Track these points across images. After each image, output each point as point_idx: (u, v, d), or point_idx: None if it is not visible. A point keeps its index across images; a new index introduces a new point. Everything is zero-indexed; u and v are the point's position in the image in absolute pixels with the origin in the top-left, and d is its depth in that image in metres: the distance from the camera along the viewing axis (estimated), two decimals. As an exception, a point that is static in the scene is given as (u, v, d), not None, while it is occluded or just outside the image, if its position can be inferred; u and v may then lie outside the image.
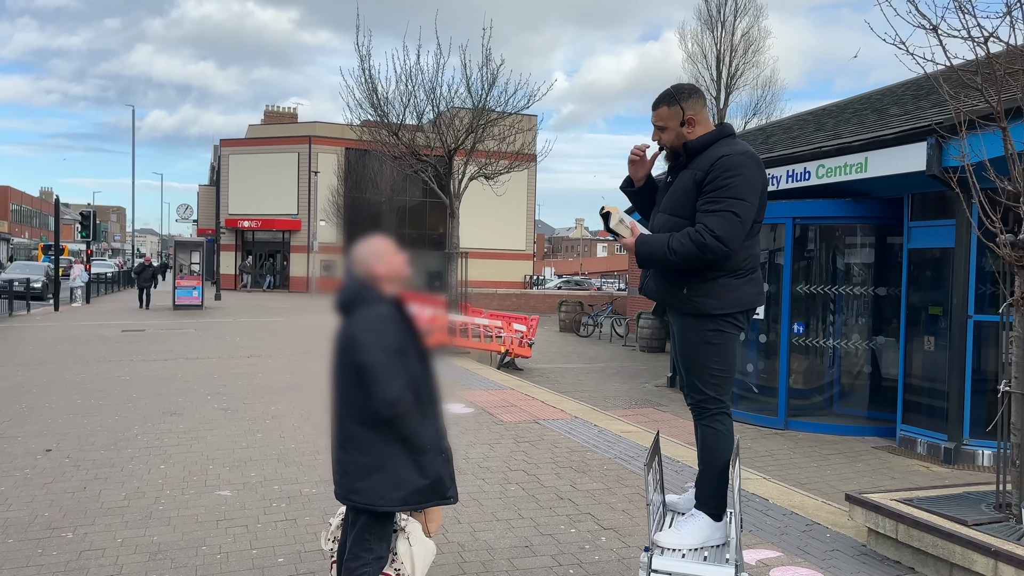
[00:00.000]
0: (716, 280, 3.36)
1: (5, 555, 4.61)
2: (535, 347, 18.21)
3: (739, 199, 3.26)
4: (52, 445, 7.26)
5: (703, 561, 3.27)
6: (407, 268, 3.53)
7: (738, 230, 3.26)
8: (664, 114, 3.47)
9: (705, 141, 3.42)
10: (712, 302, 3.37)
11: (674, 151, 3.51)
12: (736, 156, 3.31)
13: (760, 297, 3.54)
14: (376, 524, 3.32)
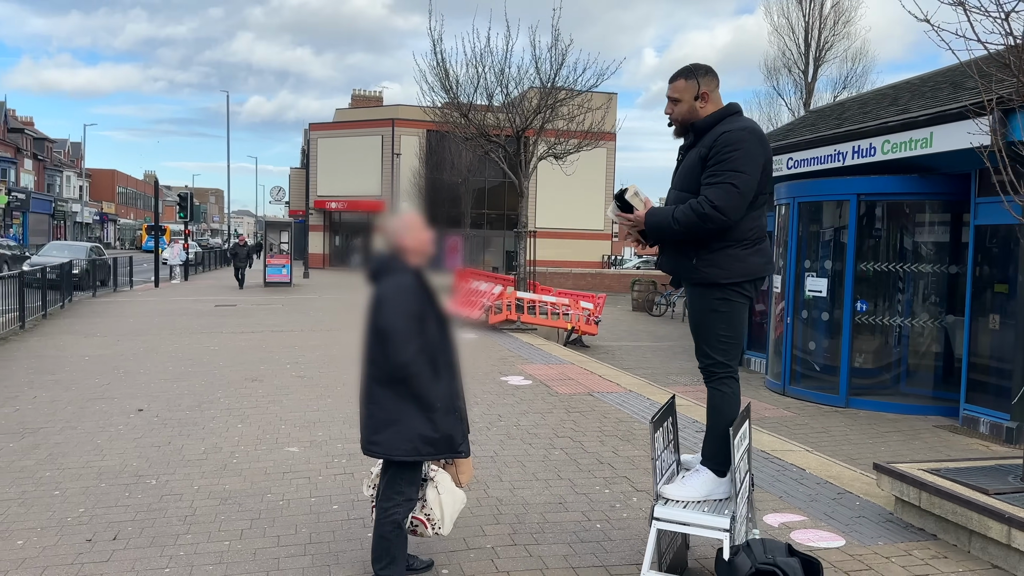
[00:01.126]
0: (723, 251, 3.57)
1: (98, 496, 5.22)
2: (603, 325, 18.40)
3: (739, 171, 3.45)
4: (144, 405, 7.97)
5: (703, 512, 3.51)
6: (432, 243, 3.86)
7: (737, 201, 3.46)
8: (681, 86, 3.68)
9: (712, 120, 3.62)
10: (719, 271, 3.58)
11: (683, 125, 3.71)
12: (737, 131, 3.51)
13: (768, 267, 3.72)
14: (404, 471, 3.69)
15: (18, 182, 57.81)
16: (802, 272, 10.29)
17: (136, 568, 4.09)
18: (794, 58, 36.03)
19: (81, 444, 6.49)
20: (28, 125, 66.28)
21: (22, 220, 58.03)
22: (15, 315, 14.17)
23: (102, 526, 4.68)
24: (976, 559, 4.29)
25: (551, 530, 4.66)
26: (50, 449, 6.35)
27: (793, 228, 10.43)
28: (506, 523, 4.76)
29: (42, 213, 62.20)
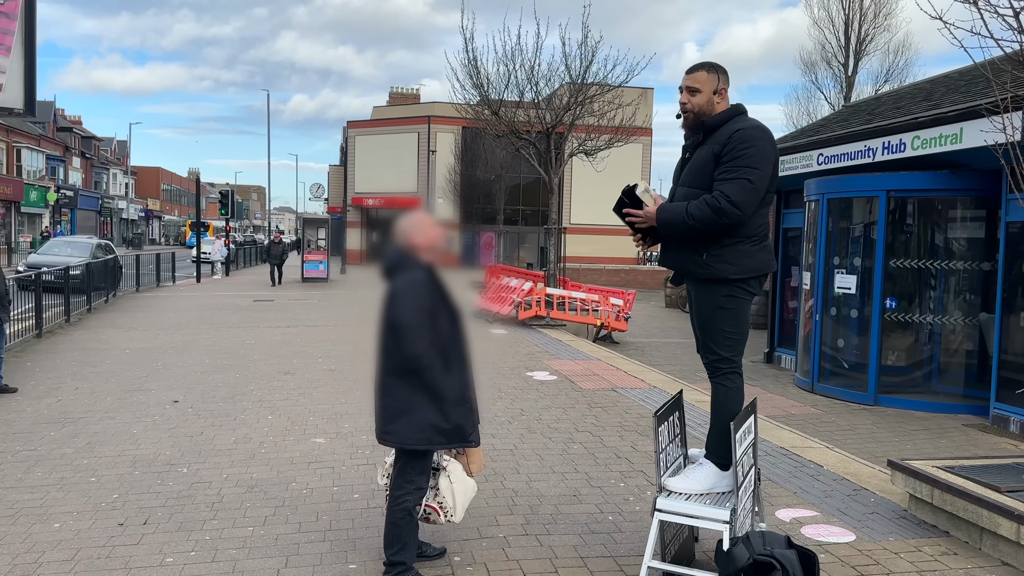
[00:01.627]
0: (733, 246, 3.63)
1: (131, 483, 5.45)
2: (635, 322, 18.40)
3: (753, 168, 3.52)
4: (179, 397, 8.24)
5: (705, 504, 3.58)
6: (442, 240, 3.98)
7: (752, 196, 3.52)
8: (702, 78, 3.73)
9: (721, 118, 3.68)
10: (729, 267, 3.64)
11: (697, 118, 3.75)
12: (751, 130, 3.58)
13: (772, 263, 3.78)
14: (414, 460, 3.82)
15: (67, 180, 59.38)
16: (831, 269, 10.23)
17: (164, 551, 4.29)
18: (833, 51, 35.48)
19: (118, 433, 6.76)
20: (76, 124, 68.03)
21: (70, 217, 59.64)
22: (60, 309, 14.66)
23: (134, 511, 4.89)
24: (987, 556, 4.30)
25: (563, 521, 4.76)
26: (88, 438, 6.61)
27: (823, 224, 10.37)
28: (519, 514, 4.88)
29: (89, 210, 63.84)
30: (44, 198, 52.86)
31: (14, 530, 4.56)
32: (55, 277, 15.10)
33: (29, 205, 51.12)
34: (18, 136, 50.75)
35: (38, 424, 7.08)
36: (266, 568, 4.09)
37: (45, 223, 53.65)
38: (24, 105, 8.01)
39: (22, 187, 49.64)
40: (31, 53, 8.06)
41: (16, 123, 51.42)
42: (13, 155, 50.12)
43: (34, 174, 52.67)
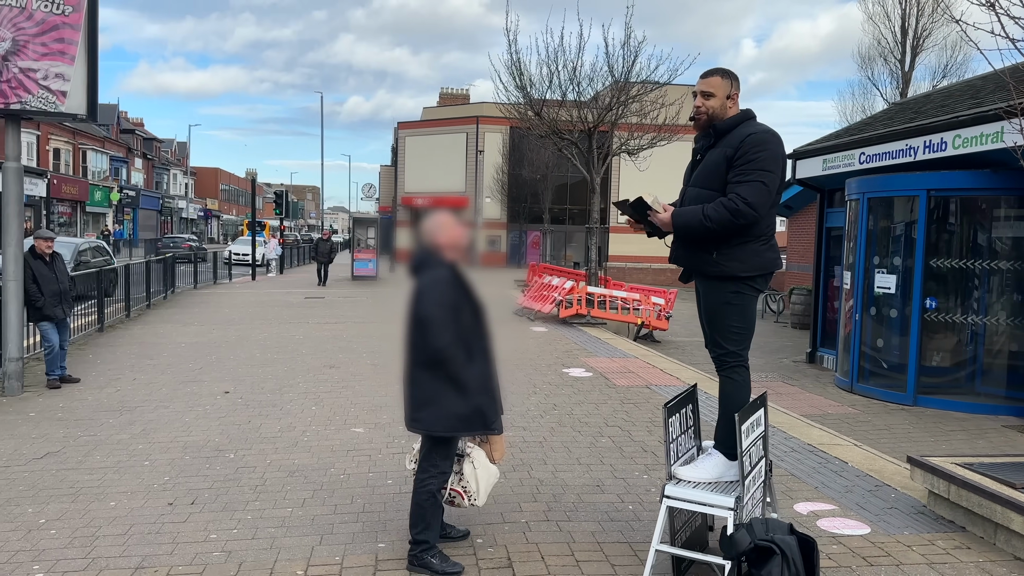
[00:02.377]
0: (743, 245, 3.79)
1: (182, 467, 5.81)
2: (679, 321, 18.42)
3: (766, 170, 3.67)
4: (230, 388, 8.64)
5: (711, 492, 3.74)
6: (465, 239, 4.21)
7: (766, 198, 3.68)
8: (717, 83, 3.90)
9: (733, 122, 3.84)
10: (738, 265, 3.80)
11: (710, 120, 3.91)
12: (762, 133, 3.73)
13: (778, 262, 3.93)
14: (439, 446, 4.06)
15: (129, 180, 61.42)
16: (871, 268, 10.18)
17: (208, 528, 4.61)
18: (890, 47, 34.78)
19: (171, 421, 7.16)
20: (138, 126, 70.26)
21: (132, 216, 61.66)
22: (121, 304, 15.33)
23: (183, 492, 5.24)
24: (1000, 551, 4.36)
25: (585, 509, 4.96)
26: (144, 425, 7.03)
27: (863, 224, 10.32)
28: (543, 501, 5.08)
29: (150, 209, 65.92)
30: (108, 198, 54.77)
31: (74, 507, 4.94)
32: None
33: (93, 205, 53.05)
34: (83, 138, 52.71)
35: (98, 412, 7.52)
36: (302, 545, 4.38)
37: (108, 222, 55.58)
38: (87, 111, 8.48)
39: (87, 187, 51.55)
40: (93, 62, 8.53)
41: (82, 126, 53.40)
42: (79, 157, 52.08)
43: (98, 175, 54.62)
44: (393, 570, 4.07)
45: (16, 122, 8.55)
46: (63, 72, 8.32)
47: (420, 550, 4.01)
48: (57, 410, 7.60)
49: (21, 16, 8.15)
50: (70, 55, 8.35)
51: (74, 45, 8.36)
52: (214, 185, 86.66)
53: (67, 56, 8.34)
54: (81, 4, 8.36)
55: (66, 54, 8.33)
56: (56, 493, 5.19)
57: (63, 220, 50.33)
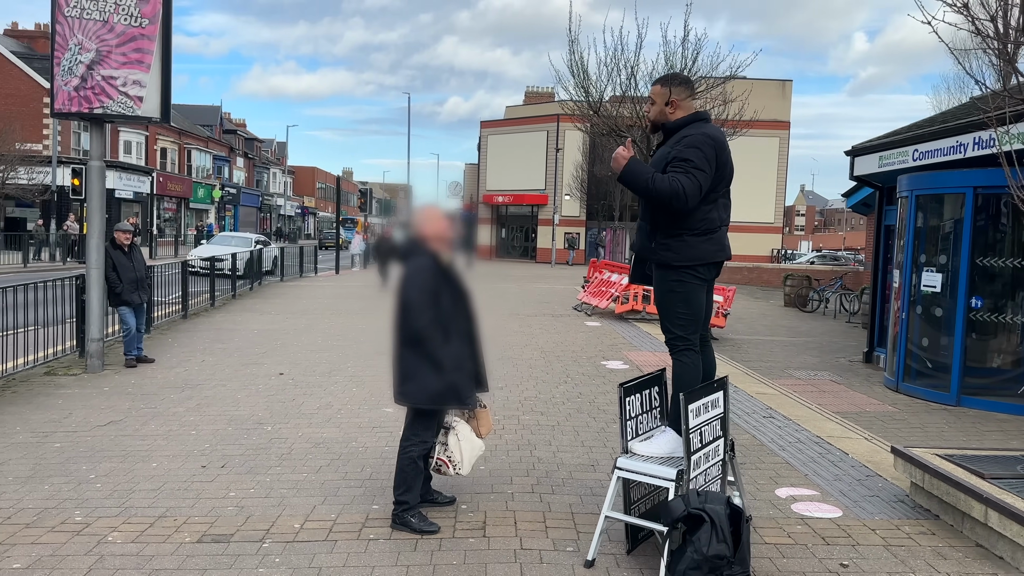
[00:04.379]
0: (677, 237, 4.07)
1: (223, 437, 6.43)
2: (743, 318, 18.32)
3: (700, 169, 3.94)
4: (285, 370, 9.31)
5: (656, 464, 4.03)
6: (450, 231, 4.61)
7: (697, 192, 3.94)
8: (656, 91, 4.23)
9: (678, 124, 4.13)
10: (672, 255, 4.08)
11: (654, 124, 4.24)
12: (699, 136, 4.00)
13: (719, 254, 4.16)
14: (420, 418, 4.50)
15: (231, 178, 64.51)
16: (919, 266, 10.03)
17: (229, 488, 5.17)
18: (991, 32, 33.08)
19: (224, 398, 7.84)
20: (241, 126, 73.65)
21: (233, 212, 64.74)
22: (207, 295, 16.44)
23: (217, 457, 5.84)
24: (964, 538, 4.46)
25: (571, 484, 5.29)
26: (199, 400, 7.73)
27: (911, 221, 10.17)
28: (534, 476, 5.45)
29: (250, 206, 69.02)
30: (210, 195, 57.72)
31: (122, 467, 5.60)
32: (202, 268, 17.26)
33: (197, 201, 56.03)
34: (188, 138, 55.74)
35: (163, 388, 8.29)
36: (306, 504, 4.88)
37: (211, 218, 58.57)
38: (160, 114, 9.32)
39: (191, 185, 54.50)
40: (167, 68, 9.35)
41: (187, 126, 56.54)
42: (184, 156, 55.10)
43: (202, 172, 57.64)
44: (379, 527, 4.52)
45: (99, 125, 9.45)
46: (140, 79, 9.16)
47: (401, 509, 4.45)
48: (128, 386, 8.41)
49: (104, 29, 9.02)
50: (146, 63, 9.17)
51: (150, 54, 9.19)
52: (311, 183, 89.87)
53: (144, 64, 9.17)
54: (157, 16, 9.18)
55: (143, 62, 9.17)
56: (109, 455, 5.88)
57: (168, 216, 53.43)
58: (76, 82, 9.04)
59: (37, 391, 8.06)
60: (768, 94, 41.98)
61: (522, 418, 7.13)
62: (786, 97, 43.44)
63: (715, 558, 3.62)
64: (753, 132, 40.44)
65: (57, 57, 9.05)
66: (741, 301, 23.29)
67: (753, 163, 41.85)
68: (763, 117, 41.59)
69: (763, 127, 41.79)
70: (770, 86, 42.89)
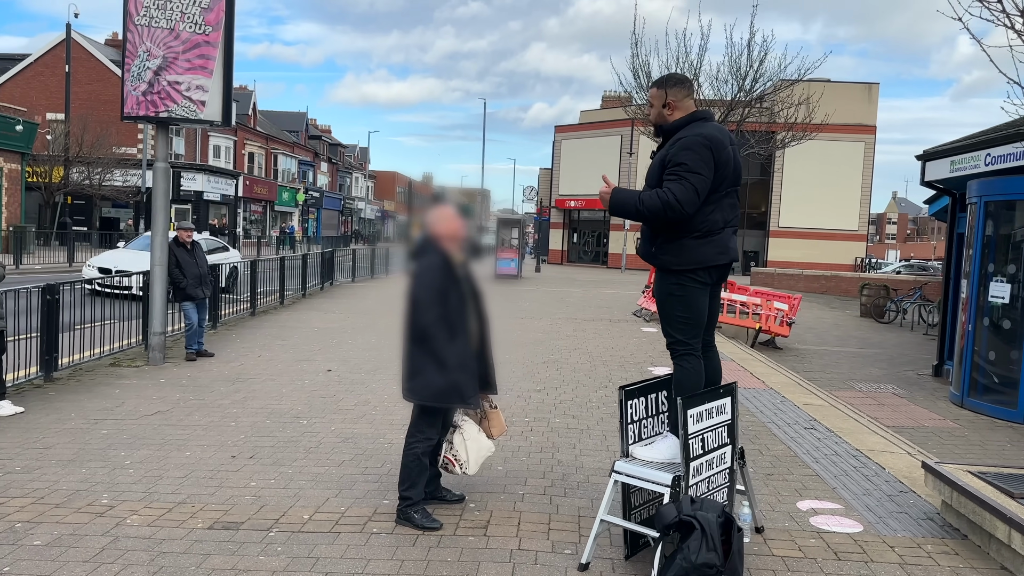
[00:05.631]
0: (676, 241, 3.99)
1: (259, 429, 6.63)
2: (815, 328, 17.78)
3: (694, 172, 3.86)
4: (334, 367, 9.53)
5: (652, 469, 3.96)
6: (463, 231, 4.64)
7: (693, 197, 3.86)
8: (653, 94, 4.19)
9: (676, 126, 4.06)
10: (672, 259, 4.01)
11: (655, 126, 4.19)
12: (692, 137, 3.92)
13: (721, 256, 4.04)
14: (424, 415, 4.54)
15: (314, 182, 66.35)
16: (987, 276, 9.54)
17: (253, 477, 5.33)
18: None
19: (270, 392, 8.07)
20: (325, 132, 75.70)
21: (316, 215, 66.58)
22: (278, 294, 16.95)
23: (248, 449, 6.03)
24: (989, 560, 4.23)
25: (584, 488, 5.24)
26: (246, 393, 7.99)
27: (979, 229, 9.68)
28: (550, 479, 5.42)
29: (333, 210, 70.87)
30: (294, 198, 59.50)
31: (157, 454, 5.83)
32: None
33: (281, 204, 57.85)
34: (275, 144, 57.62)
35: (216, 381, 8.60)
36: (321, 496, 4.99)
37: (294, 221, 60.36)
38: (222, 117, 9.69)
39: (276, 188, 56.30)
40: (229, 73, 9.71)
41: (275, 132, 58.47)
42: (270, 160, 56.98)
43: (287, 176, 59.49)
44: (384, 522, 4.58)
45: (164, 128, 9.88)
46: (203, 84, 9.53)
47: (405, 505, 4.50)
48: (183, 378, 8.75)
49: (170, 36, 9.43)
50: (209, 68, 9.54)
51: (212, 60, 9.55)
52: (391, 188, 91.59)
53: (207, 70, 9.54)
54: (220, 24, 9.54)
55: (206, 68, 9.54)
56: (149, 443, 6.14)
57: (254, 218, 55.34)
58: (144, 87, 9.47)
59: (99, 381, 8.47)
60: (852, 97, 40.70)
61: (552, 421, 7.10)
62: (872, 101, 41.97)
63: (704, 567, 3.53)
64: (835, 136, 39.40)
65: (127, 63, 9.52)
66: (815, 311, 22.60)
67: (835, 168, 40.65)
68: (847, 121, 40.44)
69: (846, 131, 40.59)
70: (854, 89, 41.55)
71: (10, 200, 29.70)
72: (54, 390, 7.97)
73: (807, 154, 38.03)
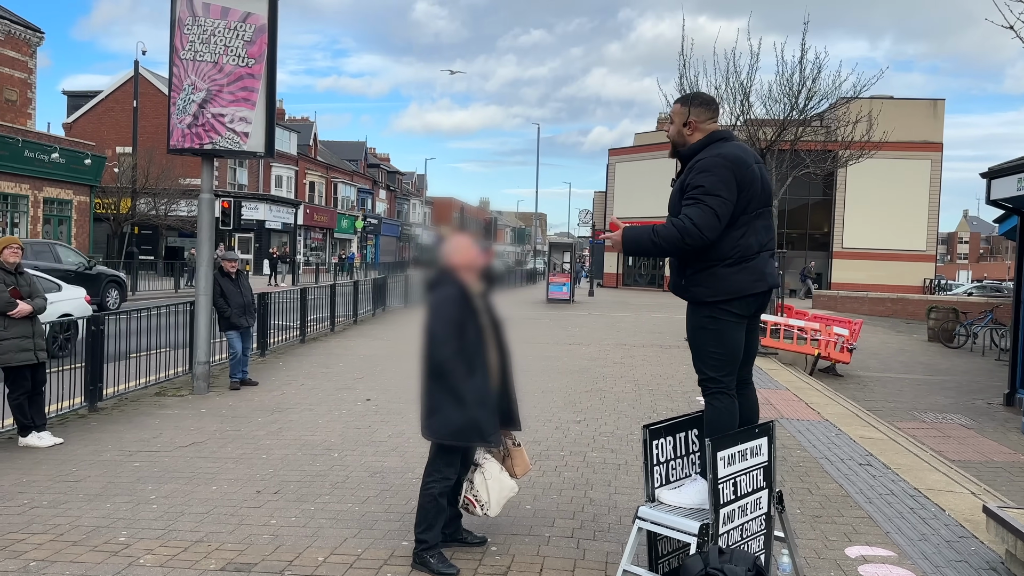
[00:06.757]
0: (706, 270, 3.73)
1: (289, 462, 6.52)
2: (880, 354, 17.08)
3: (714, 195, 3.60)
4: (373, 396, 9.42)
5: (679, 516, 3.68)
6: (479, 261, 4.46)
7: (713, 221, 3.60)
8: (676, 110, 3.96)
9: (693, 149, 3.81)
10: (704, 290, 3.74)
11: (673, 146, 3.94)
12: (710, 159, 3.67)
13: (758, 284, 3.75)
14: (442, 453, 4.35)
15: (373, 209, 67.34)
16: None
17: (273, 515, 5.21)
18: None
19: (306, 422, 7.99)
20: (384, 160, 76.91)
21: (375, 242, 67.48)
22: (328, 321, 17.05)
23: (274, 483, 5.92)
24: (1060, 620, 3.81)
25: (616, 531, 4.96)
26: (282, 424, 7.92)
27: (1051, 249, 9.11)
28: (579, 520, 5.15)
29: (391, 236, 71.75)
30: (353, 225, 60.43)
31: (184, 488, 5.76)
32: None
33: (341, 231, 58.80)
34: (335, 172, 58.74)
35: (255, 411, 8.57)
36: (338, 536, 4.83)
37: (353, 248, 61.25)
38: (264, 148, 9.77)
39: (335, 216, 57.28)
40: (271, 105, 9.80)
41: (335, 161, 59.64)
42: (331, 188, 58.07)
43: (346, 204, 60.51)
44: (399, 565, 4.39)
45: (209, 160, 10.00)
46: (246, 116, 9.62)
47: (421, 548, 4.30)
48: (224, 408, 8.75)
49: (214, 69, 9.55)
50: (252, 100, 9.63)
51: (255, 92, 9.64)
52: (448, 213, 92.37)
53: (249, 102, 9.63)
54: (262, 57, 9.64)
55: (249, 100, 9.63)
56: (178, 476, 6.08)
57: (315, 245, 56.35)
58: (189, 120, 9.60)
59: (142, 410, 8.52)
60: (917, 114, 39.53)
61: (589, 455, 6.83)
62: (938, 117, 40.66)
63: (731, 625, 3.24)
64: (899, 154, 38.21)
65: (173, 97, 9.68)
66: (879, 335, 21.75)
67: (900, 187, 39.45)
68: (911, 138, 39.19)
69: (911, 148, 39.34)
70: (919, 106, 40.35)
71: (79, 231, 30.81)
72: (97, 420, 8.04)
73: (870, 172, 37.00)
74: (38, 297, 7.21)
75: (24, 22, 30.08)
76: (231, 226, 35.26)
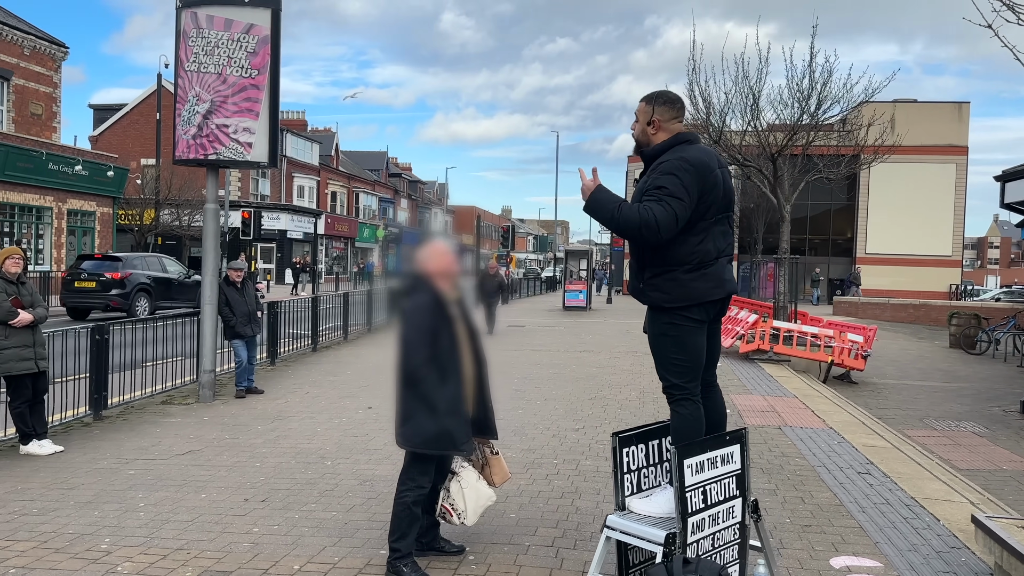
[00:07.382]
0: (664, 275, 3.67)
1: (282, 470, 6.53)
2: (899, 361, 16.82)
3: (675, 197, 3.55)
4: (375, 404, 9.41)
5: (646, 525, 3.62)
6: (456, 267, 4.44)
7: (672, 223, 3.54)
8: (640, 108, 3.90)
9: (657, 150, 3.76)
10: (662, 295, 3.68)
11: (637, 145, 3.89)
12: (674, 161, 3.61)
13: (716, 290, 3.69)
14: (415, 462, 4.33)
15: (395, 218, 67.68)
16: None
17: (257, 523, 5.21)
18: None
19: (304, 431, 8.01)
20: (406, 170, 77.32)
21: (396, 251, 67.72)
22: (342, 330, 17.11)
23: (263, 491, 5.92)
24: (1044, 634, 3.69)
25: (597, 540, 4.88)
26: (280, 432, 7.94)
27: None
28: (561, 529, 5.10)
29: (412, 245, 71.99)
30: (374, 235, 60.75)
31: (172, 496, 5.79)
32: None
33: (362, 241, 59.13)
34: (357, 182, 59.15)
35: (256, 419, 8.60)
36: (318, 544, 4.82)
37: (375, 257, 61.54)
38: (268, 159, 9.84)
39: (357, 225, 57.65)
40: (275, 115, 9.88)
41: (356, 171, 60.06)
42: (352, 198, 58.47)
43: (367, 213, 60.87)
44: (375, 574, 4.37)
45: (214, 170, 10.09)
46: (249, 126, 9.69)
47: (394, 557, 4.28)
48: (226, 416, 8.79)
49: (218, 81, 9.64)
50: (255, 111, 9.71)
51: (259, 103, 9.72)
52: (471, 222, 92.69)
53: (253, 112, 9.71)
54: (265, 67, 9.71)
55: (252, 111, 9.71)
56: (169, 483, 6.11)
57: (336, 254, 56.73)
58: (193, 131, 9.69)
59: (145, 419, 8.59)
60: (941, 118, 39.01)
61: (583, 463, 6.77)
62: (963, 120, 40.09)
63: (692, 638, 3.18)
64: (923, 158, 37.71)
65: (178, 109, 9.78)
66: (900, 341, 21.41)
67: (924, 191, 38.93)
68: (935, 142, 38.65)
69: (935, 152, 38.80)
70: (943, 109, 39.83)
71: (102, 241, 31.25)
72: (100, 428, 8.11)
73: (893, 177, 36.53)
74: (39, 307, 7.30)
75: (49, 37, 30.65)
76: (251, 236, 35.65)
